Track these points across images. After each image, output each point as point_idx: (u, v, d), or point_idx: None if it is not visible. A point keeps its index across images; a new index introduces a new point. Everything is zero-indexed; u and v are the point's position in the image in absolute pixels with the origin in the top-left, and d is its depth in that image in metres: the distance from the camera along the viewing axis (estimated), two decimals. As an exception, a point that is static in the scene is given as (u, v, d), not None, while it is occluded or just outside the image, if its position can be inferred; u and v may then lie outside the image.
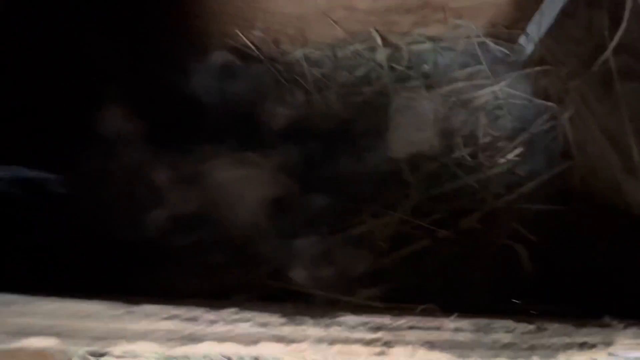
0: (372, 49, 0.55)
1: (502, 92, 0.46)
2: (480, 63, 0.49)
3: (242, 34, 0.55)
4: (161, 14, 0.51)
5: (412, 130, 0.45)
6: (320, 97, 0.55)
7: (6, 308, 0.13)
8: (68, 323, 0.13)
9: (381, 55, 0.54)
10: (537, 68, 0.46)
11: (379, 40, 0.53)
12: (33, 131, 0.36)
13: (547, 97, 0.45)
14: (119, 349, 0.13)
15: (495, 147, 0.44)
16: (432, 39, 0.52)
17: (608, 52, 0.36)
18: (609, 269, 0.33)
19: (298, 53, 0.57)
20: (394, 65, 0.53)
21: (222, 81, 0.51)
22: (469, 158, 0.43)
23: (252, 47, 0.56)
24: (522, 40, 0.52)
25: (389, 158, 0.46)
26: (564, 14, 0.44)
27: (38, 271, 0.18)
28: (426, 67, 0.52)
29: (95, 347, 0.13)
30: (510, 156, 0.43)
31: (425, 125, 0.45)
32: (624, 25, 0.34)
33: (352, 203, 0.45)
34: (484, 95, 0.46)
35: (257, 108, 0.51)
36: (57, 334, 0.13)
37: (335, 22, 0.53)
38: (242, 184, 0.42)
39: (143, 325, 0.14)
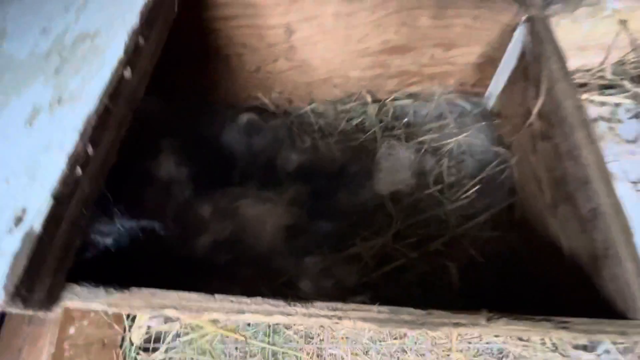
0: (365, 104, 0.69)
1: (465, 141, 0.59)
2: (450, 116, 0.62)
3: (264, 96, 0.71)
4: (205, 85, 0.68)
5: (394, 172, 0.58)
6: (323, 143, 0.69)
7: (152, 295, 0.28)
8: (180, 302, 0.27)
9: (371, 109, 0.68)
10: (493, 122, 0.58)
11: (369, 99, 0.68)
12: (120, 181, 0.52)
13: (500, 145, 0.57)
14: (206, 316, 0.27)
15: (459, 184, 0.56)
16: (411, 96, 0.66)
17: (532, 117, 0.48)
18: (538, 282, 0.44)
19: (307, 108, 0.72)
20: (382, 117, 0.67)
21: (248, 135, 0.66)
22: (437, 194, 0.56)
23: (271, 104, 0.72)
24: (485, 95, 0.64)
25: (376, 194, 0.59)
26: (510, 81, 0.56)
27: (150, 278, 0.32)
28: (407, 119, 0.65)
29: (195, 316, 0.27)
30: (470, 192, 0.55)
31: (403, 168, 0.58)
32: (541, 99, 0.46)
33: (348, 229, 0.59)
34: (451, 142, 0.59)
35: (274, 155, 0.66)
36: (175, 308, 0.27)
37: (334, 85, 0.67)
38: (264, 216, 0.57)
39: (215, 304, 0.28)
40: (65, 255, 0.27)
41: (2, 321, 0.65)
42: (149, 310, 0.28)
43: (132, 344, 0.72)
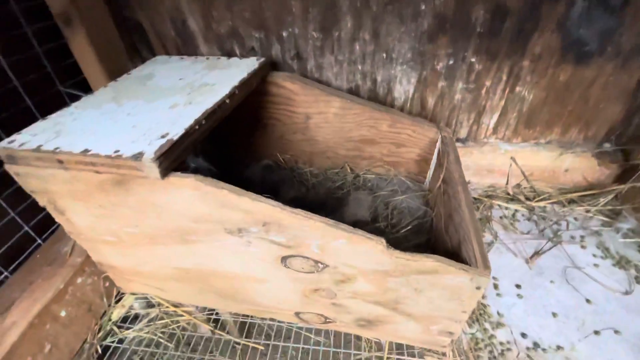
0: (345, 173, 1.02)
1: (406, 201, 0.88)
2: (401, 186, 0.94)
3: (279, 155, 1.05)
4: (241, 145, 1.03)
5: (357, 208, 0.86)
6: (314, 193, 0.98)
7: (231, 191, 0.52)
8: (248, 203, 0.52)
9: (349, 177, 1.00)
10: (424, 193, 0.90)
11: (349, 170, 1.01)
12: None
13: (427, 206, 0.86)
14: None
15: (399, 225, 0.82)
16: (375, 173, 0.99)
17: (440, 181, 0.79)
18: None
19: (307, 169, 1.05)
20: (355, 182, 0.99)
21: (264, 173, 0.97)
22: (383, 227, 0.81)
23: (282, 161, 1.05)
24: (425, 181, 0.97)
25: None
26: (434, 169, 0.90)
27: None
28: (371, 184, 0.96)
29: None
30: (404, 230, 0.80)
31: (363, 208, 0.85)
32: (444, 172, 0.79)
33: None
34: (397, 200, 0.88)
35: (279, 188, 0.94)
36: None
37: (328, 157, 1.02)
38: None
39: (262, 202, 0.52)
40: (183, 155, 0.54)
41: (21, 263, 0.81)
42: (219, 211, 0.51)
43: (110, 319, 0.82)
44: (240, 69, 0.82)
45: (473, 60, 0.91)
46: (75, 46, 0.85)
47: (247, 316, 0.82)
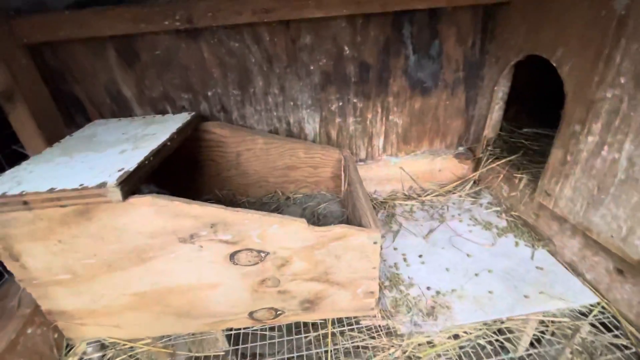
0: (278, 197, 1.21)
1: (328, 207, 1.10)
2: (323, 199, 1.16)
3: (217, 191, 1.21)
4: (182, 186, 1.17)
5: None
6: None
7: (171, 200, 0.67)
8: (179, 205, 0.67)
9: (281, 200, 1.20)
10: (340, 199, 1.14)
11: (280, 194, 1.21)
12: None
13: (343, 207, 1.10)
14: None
15: (327, 222, 1.03)
16: (302, 193, 1.21)
17: (346, 185, 1.04)
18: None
19: (244, 199, 1.22)
20: (287, 203, 1.19)
21: (206, 206, 1.11)
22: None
23: (221, 196, 1.20)
24: (341, 191, 1.22)
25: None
26: (344, 183, 1.16)
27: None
28: (299, 198, 1.18)
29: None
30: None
31: (296, 215, 1.05)
32: (348, 177, 1.04)
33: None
34: (320, 208, 1.10)
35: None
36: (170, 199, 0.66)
37: (260, 186, 1.21)
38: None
39: (197, 204, 0.67)
40: (138, 184, 0.68)
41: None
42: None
43: (61, 371, 0.83)
44: (175, 121, 1.01)
45: (355, 101, 1.25)
46: (15, 119, 0.94)
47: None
